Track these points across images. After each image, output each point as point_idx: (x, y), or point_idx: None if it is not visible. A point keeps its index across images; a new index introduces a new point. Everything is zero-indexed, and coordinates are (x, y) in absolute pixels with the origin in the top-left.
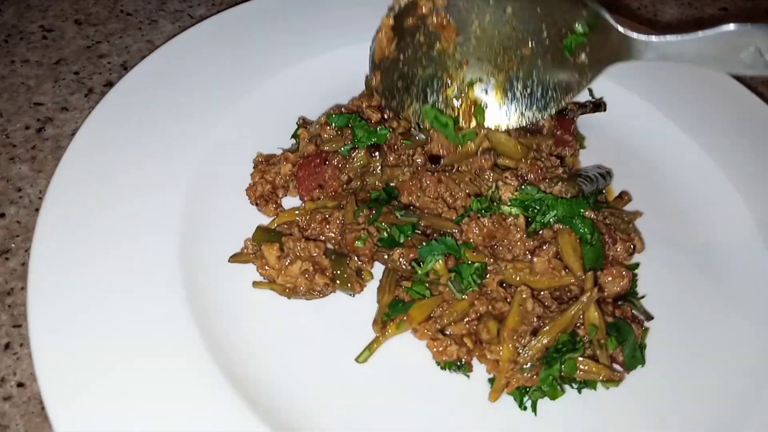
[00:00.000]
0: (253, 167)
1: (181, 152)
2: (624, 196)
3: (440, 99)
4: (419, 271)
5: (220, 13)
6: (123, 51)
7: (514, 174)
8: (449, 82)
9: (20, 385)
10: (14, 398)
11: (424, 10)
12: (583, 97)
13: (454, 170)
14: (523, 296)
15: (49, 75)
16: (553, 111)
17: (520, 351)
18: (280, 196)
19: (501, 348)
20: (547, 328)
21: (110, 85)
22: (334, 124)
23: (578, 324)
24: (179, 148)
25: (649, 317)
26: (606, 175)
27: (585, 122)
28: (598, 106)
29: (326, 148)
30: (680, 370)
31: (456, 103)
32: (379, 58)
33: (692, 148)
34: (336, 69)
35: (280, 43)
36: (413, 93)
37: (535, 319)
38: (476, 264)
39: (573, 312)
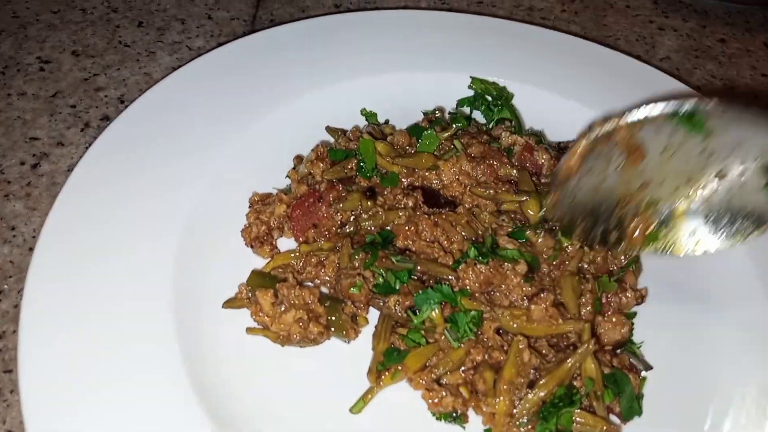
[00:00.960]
0: (249, 206)
1: (176, 192)
2: None
3: (613, 219)
4: (415, 321)
5: (217, 48)
6: (120, 84)
7: (510, 217)
8: (625, 203)
9: None
10: None
11: (618, 138)
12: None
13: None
14: (520, 347)
15: (46, 108)
16: (741, 240)
17: (517, 404)
18: (275, 237)
19: (497, 401)
20: (544, 381)
21: (107, 119)
22: (329, 158)
23: (575, 375)
24: (175, 188)
25: (648, 367)
26: None
27: None
28: None
29: (318, 182)
30: (678, 419)
31: (628, 223)
32: (564, 178)
33: None
34: (333, 104)
35: (277, 78)
36: (586, 210)
37: (532, 371)
38: (472, 312)
39: (570, 365)
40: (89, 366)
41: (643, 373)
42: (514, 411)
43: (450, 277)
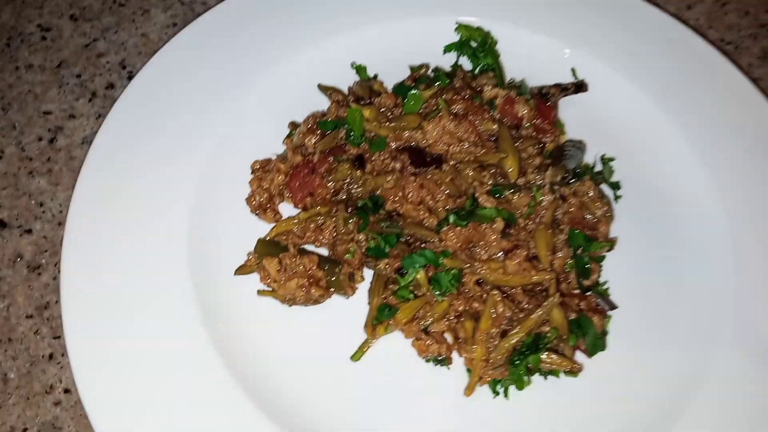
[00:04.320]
0: (251, 173)
1: (183, 165)
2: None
3: None
4: (402, 282)
5: (205, 12)
6: (120, 48)
7: (491, 173)
8: None
9: (67, 391)
10: (63, 403)
11: None
12: (564, 77)
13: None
14: (496, 299)
15: (53, 80)
16: None
17: (491, 351)
18: (277, 203)
19: (475, 348)
20: (514, 331)
21: (111, 87)
22: (320, 130)
23: (544, 322)
24: (181, 162)
25: (613, 307)
26: (581, 146)
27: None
28: (580, 86)
29: (311, 152)
30: (640, 351)
31: None
32: None
33: (672, 131)
34: (323, 61)
35: (265, 39)
36: None
37: (506, 320)
38: (453, 271)
39: (536, 316)
40: (125, 330)
41: (609, 313)
42: (489, 357)
43: (434, 240)
